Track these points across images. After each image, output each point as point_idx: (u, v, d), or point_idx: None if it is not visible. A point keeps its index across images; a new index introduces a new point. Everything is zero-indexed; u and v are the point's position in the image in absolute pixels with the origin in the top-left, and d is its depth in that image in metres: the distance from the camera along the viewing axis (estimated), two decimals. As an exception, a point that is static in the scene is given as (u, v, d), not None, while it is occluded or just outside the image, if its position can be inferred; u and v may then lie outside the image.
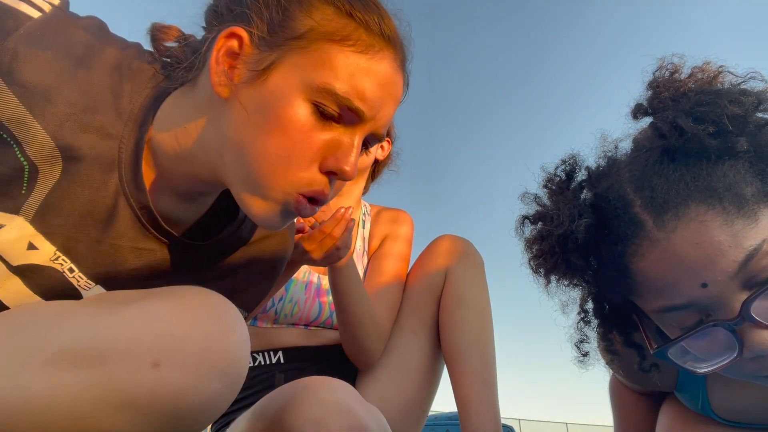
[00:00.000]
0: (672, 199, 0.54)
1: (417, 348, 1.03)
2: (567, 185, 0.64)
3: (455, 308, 1.02)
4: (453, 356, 0.98)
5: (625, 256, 0.57)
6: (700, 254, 0.52)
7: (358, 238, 1.18)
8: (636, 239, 0.56)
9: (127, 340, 0.42)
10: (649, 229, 0.55)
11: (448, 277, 1.06)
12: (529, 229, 0.66)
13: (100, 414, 0.41)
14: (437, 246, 1.12)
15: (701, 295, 0.53)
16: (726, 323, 0.53)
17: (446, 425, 6.65)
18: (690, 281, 0.53)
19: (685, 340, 0.56)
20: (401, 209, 1.25)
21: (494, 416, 0.91)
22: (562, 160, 0.66)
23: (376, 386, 0.97)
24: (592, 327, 0.69)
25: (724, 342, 0.54)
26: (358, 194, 1.22)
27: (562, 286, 0.66)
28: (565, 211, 0.60)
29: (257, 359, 1.03)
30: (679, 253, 0.53)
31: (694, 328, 0.55)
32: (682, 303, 0.55)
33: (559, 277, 0.65)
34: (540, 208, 0.66)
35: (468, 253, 1.09)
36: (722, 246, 0.51)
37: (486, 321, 1.02)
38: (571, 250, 0.60)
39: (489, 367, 0.97)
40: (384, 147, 1.27)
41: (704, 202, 0.52)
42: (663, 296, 0.56)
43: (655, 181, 0.56)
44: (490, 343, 1.00)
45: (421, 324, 1.05)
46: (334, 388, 0.59)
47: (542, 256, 0.64)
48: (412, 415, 0.99)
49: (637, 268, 0.57)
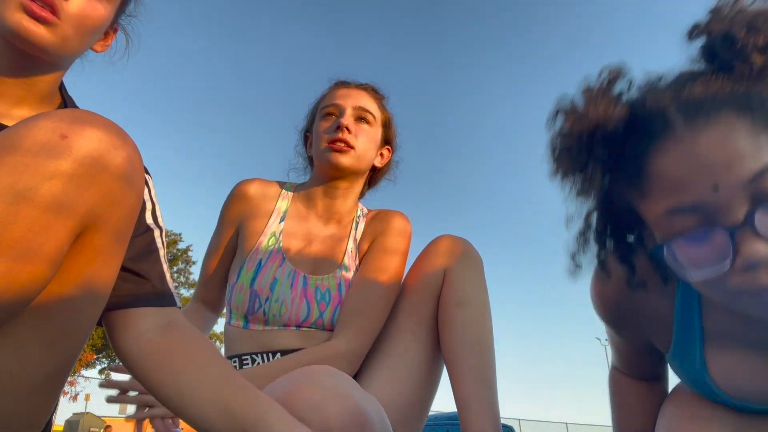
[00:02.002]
0: (707, 103, 0.56)
1: (416, 348, 1.02)
2: (608, 89, 0.65)
3: (454, 308, 1.01)
4: (452, 356, 0.98)
5: (647, 153, 0.60)
6: (720, 156, 0.54)
7: (350, 239, 1.16)
8: (663, 136, 0.58)
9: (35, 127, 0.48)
10: (678, 127, 0.57)
11: (447, 277, 1.05)
12: (560, 123, 0.67)
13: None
14: (436, 246, 1.11)
15: (710, 198, 0.55)
16: (729, 227, 0.55)
17: (446, 425, 6.67)
18: (704, 181, 0.55)
19: (683, 242, 0.59)
20: (396, 211, 1.23)
21: (494, 416, 0.90)
22: (606, 67, 0.67)
23: (375, 387, 0.95)
24: (591, 241, 0.71)
25: (719, 249, 0.57)
26: (354, 196, 1.20)
27: (574, 192, 0.68)
28: (601, 106, 0.63)
29: (256, 360, 1.02)
30: (701, 153, 0.55)
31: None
32: (690, 204, 0.57)
33: (575, 178, 0.67)
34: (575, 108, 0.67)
35: (467, 253, 1.08)
36: (743, 153, 0.54)
37: (485, 320, 1.02)
38: (597, 141, 0.63)
39: (488, 367, 0.96)
40: (384, 154, 1.25)
41: (736, 111, 0.55)
42: (674, 195, 0.58)
43: (695, 87, 0.58)
44: (489, 342, 1.00)
45: (420, 324, 1.04)
46: (333, 374, 0.60)
47: (567, 150, 0.66)
48: (413, 416, 0.98)
49: (657, 165, 0.59)
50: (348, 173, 1.14)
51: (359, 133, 1.14)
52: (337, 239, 1.15)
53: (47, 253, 0.46)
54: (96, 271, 0.53)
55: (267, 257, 1.07)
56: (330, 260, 1.11)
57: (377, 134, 1.19)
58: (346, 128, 1.11)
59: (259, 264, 1.06)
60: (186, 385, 0.60)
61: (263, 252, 1.08)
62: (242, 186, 1.15)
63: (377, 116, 1.19)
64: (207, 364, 0.62)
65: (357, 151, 1.12)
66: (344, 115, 1.13)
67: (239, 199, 1.14)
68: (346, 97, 1.16)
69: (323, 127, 1.15)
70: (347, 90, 1.19)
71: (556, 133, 0.67)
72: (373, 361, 1.02)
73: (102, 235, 0.52)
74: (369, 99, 1.19)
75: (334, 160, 1.10)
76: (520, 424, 21.74)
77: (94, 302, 0.56)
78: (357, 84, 1.22)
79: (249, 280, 1.04)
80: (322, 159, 1.12)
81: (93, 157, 0.48)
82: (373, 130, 1.17)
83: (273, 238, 1.10)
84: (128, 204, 0.53)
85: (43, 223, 0.45)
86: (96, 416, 16.54)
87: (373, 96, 1.21)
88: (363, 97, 1.18)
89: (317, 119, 1.19)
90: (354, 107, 1.15)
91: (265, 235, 1.10)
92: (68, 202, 0.47)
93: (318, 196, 1.17)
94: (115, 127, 0.52)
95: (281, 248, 1.09)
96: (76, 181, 0.47)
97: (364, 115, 1.16)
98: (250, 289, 1.03)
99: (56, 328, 0.52)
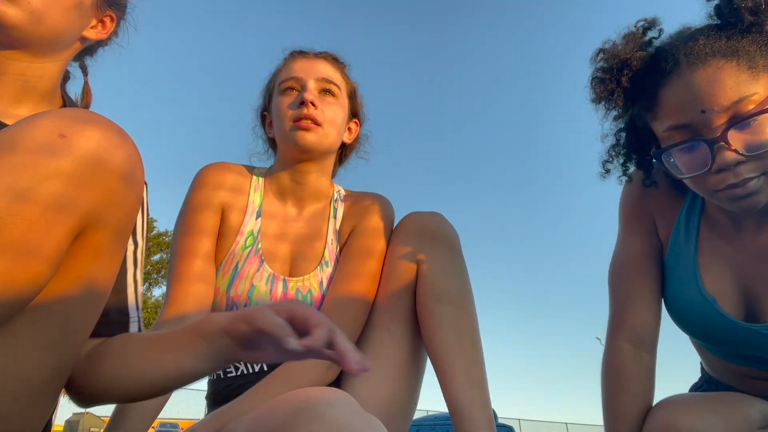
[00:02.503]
0: (705, 51, 0.77)
1: (393, 346, 0.94)
2: (641, 35, 0.87)
3: (434, 305, 0.92)
4: (438, 357, 0.91)
5: (659, 85, 0.81)
6: (708, 89, 0.75)
7: (329, 231, 1.07)
8: (670, 73, 0.80)
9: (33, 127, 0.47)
10: (682, 67, 0.78)
11: (420, 267, 0.96)
12: (599, 58, 0.89)
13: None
14: (404, 228, 1.01)
15: (698, 119, 0.77)
16: (709, 140, 0.76)
17: (446, 425, 6.66)
18: (695, 106, 0.77)
19: (676, 149, 0.81)
20: (379, 194, 1.12)
21: (487, 417, 0.85)
22: (644, 18, 0.88)
23: (354, 388, 0.90)
24: (619, 154, 0.96)
25: (702, 157, 0.78)
26: (327, 177, 1.11)
27: (609, 115, 0.93)
28: (631, 46, 0.86)
29: (239, 368, 0.96)
30: (695, 86, 0.76)
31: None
32: (685, 122, 0.79)
33: (607, 103, 0.89)
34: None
35: (440, 234, 0.97)
36: (726, 87, 0.74)
37: (469, 316, 0.94)
38: (624, 74, 0.85)
39: (478, 366, 0.90)
40: (351, 128, 1.15)
41: (725, 57, 0.75)
42: (673, 115, 0.80)
43: (700, 38, 0.78)
44: (475, 338, 0.93)
45: (396, 320, 0.96)
46: (332, 404, 0.58)
47: (602, 79, 0.87)
48: (396, 415, 0.92)
49: (663, 94, 0.81)
50: (317, 153, 1.03)
51: (325, 107, 1.03)
52: (316, 233, 1.06)
53: (47, 253, 0.46)
54: (96, 270, 0.53)
55: (244, 260, 1.00)
56: (309, 258, 1.04)
57: (344, 106, 1.09)
58: (311, 103, 1.00)
59: (236, 268, 0.99)
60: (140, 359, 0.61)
61: (240, 254, 1.00)
62: (218, 174, 1.04)
63: (342, 87, 1.09)
64: (145, 339, 0.64)
65: (325, 127, 1.02)
66: (307, 88, 1.02)
67: (216, 188, 1.02)
68: (307, 69, 1.05)
69: (285, 103, 1.03)
70: (306, 60, 1.07)
71: (595, 68, 0.89)
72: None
73: (102, 234, 0.52)
74: (331, 68, 1.08)
75: (301, 140, 1.00)
76: (520, 424, 21.73)
77: (94, 302, 0.55)
78: (316, 53, 1.10)
79: (225, 285, 0.98)
80: (288, 140, 1.01)
81: (93, 156, 0.48)
82: (340, 103, 1.07)
83: (251, 237, 1.02)
84: (128, 203, 0.53)
85: (42, 223, 0.45)
86: (96, 416, 16.52)
87: (335, 65, 1.10)
88: (325, 66, 1.07)
89: (275, 95, 1.07)
90: (316, 79, 1.04)
91: (242, 234, 1.02)
92: (68, 202, 0.47)
93: (288, 184, 1.07)
94: (115, 126, 0.52)
95: (259, 249, 1.01)
96: (76, 180, 0.47)
97: (329, 86, 1.05)
98: (227, 296, 0.97)
99: (56, 327, 0.52)
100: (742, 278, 0.91)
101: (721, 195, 0.80)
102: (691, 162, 0.80)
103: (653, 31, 0.88)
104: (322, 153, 1.04)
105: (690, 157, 0.80)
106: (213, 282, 0.98)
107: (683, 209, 0.98)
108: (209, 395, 1.01)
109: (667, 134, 0.82)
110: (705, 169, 0.78)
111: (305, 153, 1.02)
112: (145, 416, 0.82)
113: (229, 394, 0.93)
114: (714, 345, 0.96)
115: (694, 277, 0.92)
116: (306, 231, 1.07)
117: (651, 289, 0.98)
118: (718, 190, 0.79)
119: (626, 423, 0.88)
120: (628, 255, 1.01)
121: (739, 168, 0.76)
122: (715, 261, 0.93)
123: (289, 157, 1.06)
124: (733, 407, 0.85)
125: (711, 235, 0.95)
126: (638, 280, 0.99)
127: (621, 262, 1.02)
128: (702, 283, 0.92)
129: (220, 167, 1.06)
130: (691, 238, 0.96)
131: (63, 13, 0.71)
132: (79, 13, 0.74)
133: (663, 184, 0.99)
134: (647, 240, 1.01)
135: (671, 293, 0.97)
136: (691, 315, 0.93)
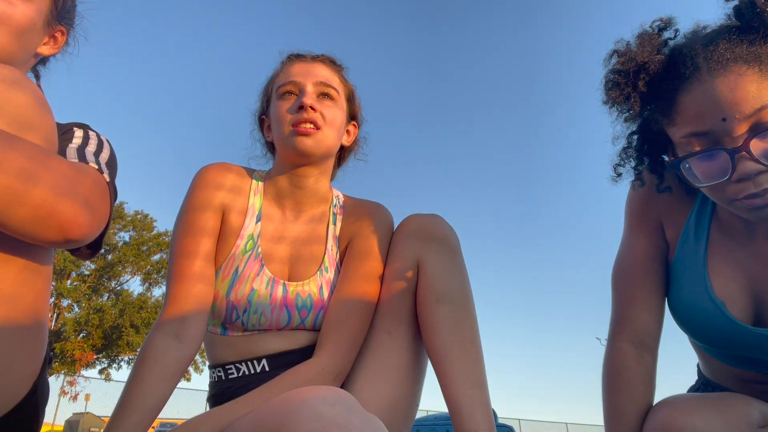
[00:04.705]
0: (726, 56, 0.74)
1: (394, 347, 0.95)
2: (657, 36, 0.85)
3: (434, 306, 0.93)
4: (438, 358, 0.91)
5: (677, 90, 0.79)
6: (730, 96, 0.73)
7: (328, 237, 1.07)
8: (690, 78, 0.77)
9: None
10: (702, 73, 0.76)
11: (421, 269, 0.96)
12: (614, 61, 0.86)
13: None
14: (404, 230, 1.02)
15: (719, 127, 0.74)
16: (730, 150, 0.74)
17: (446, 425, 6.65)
18: (716, 114, 0.74)
19: (695, 158, 0.78)
20: (378, 203, 1.13)
21: (488, 418, 0.86)
22: (659, 17, 0.86)
23: (356, 391, 0.90)
24: (631, 157, 0.93)
25: (722, 165, 0.75)
26: (326, 181, 1.10)
27: (621, 118, 0.90)
28: (648, 49, 0.83)
29: (241, 369, 0.97)
30: (716, 93, 0.74)
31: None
32: (704, 130, 0.76)
33: (621, 107, 0.87)
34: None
35: (440, 235, 0.98)
36: (748, 95, 0.72)
37: (469, 317, 0.94)
38: (641, 78, 0.82)
39: (477, 366, 0.90)
40: (350, 131, 1.15)
41: (747, 63, 0.73)
42: (693, 123, 0.77)
43: (721, 43, 0.76)
44: (475, 339, 0.93)
45: (396, 322, 0.96)
46: (332, 402, 0.58)
47: (618, 83, 0.84)
48: (398, 417, 0.92)
49: (682, 100, 0.78)
50: (316, 158, 1.03)
51: (324, 111, 1.02)
52: (316, 238, 1.07)
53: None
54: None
55: (244, 264, 0.99)
56: (309, 263, 1.04)
57: (343, 109, 1.09)
58: (311, 107, 1.00)
59: (236, 272, 0.99)
60: None
61: (240, 257, 1.00)
62: (218, 174, 1.04)
63: (340, 90, 1.08)
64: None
65: (324, 131, 1.01)
66: (305, 92, 1.02)
67: (217, 189, 1.02)
68: (305, 73, 1.05)
69: (283, 107, 1.03)
70: (304, 64, 1.07)
71: (610, 70, 0.86)
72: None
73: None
74: (329, 72, 1.08)
75: (300, 145, 0.99)
76: (520, 424, 21.73)
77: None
78: (313, 56, 1.10)
79: (225, 289, 0.97)
80: (287, 144, 1.01)
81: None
82: (338, 106, 1.07)
83: (251, 241, 1.02)
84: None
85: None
86: (96, 416, 16.52)
87: (333, 68, 1.10)
88: (323, 70, 1.07)
89: (274, 100, 1.07)
90: (315, 83, 1.04)
91: (242, 238, 1.01)
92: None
93: (287, 188, 1.07)
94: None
95: (260, 254, 1.01)
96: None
97: (327, 90, 1.05)
98: (227, 300, 0.97)
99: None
100: (752, 282, 0.89)
101: (739, 204, 0.78)
102: (710, 170, 0.77)
103: (669, 31, 0.84)
104: (321, 157, 1.04)
105: (709, 166, 0.77)
106: (213, 282, 0.98)
107: (693, 211, 0.96)
108: (211, 397, 1.01)
109: (684, 140, 0.79)
110: (724, 178, 0.75)
111: (304, 157, 1.02)
112: (146, 416, 0.82)
113: (230, 395, 0.93)
114: (719, 348, 0.95)
115: (703, 280, 0.91)
116: (305, 234, 1.07)
117: (655, 290, 0.97)
118: (737, 199, 0.77)
119: (626, 423, 0.88)
120: (633, 256, 1.00)
121: (760, 177, 0.74)
122: (726, 264, 0.91)
123: (288, 162, 1.05)
124: (733, 407, 0.84)
125: (722, 238, 0.93)
126: (642, 281, 0.98)
127: (625, 263, 1.01)
128: (711, 286, 0.90)
129: (221, 167, 1.05)
130: (701, 241, 0.93)
131: (19, 38, 0.75)
132: (33, 35, 0.78)
133: (673, 186, 0.97)
134: (653, 241, 1.00)
135: (677, 296, 0.95)
136: (698, 318, 0.91)
